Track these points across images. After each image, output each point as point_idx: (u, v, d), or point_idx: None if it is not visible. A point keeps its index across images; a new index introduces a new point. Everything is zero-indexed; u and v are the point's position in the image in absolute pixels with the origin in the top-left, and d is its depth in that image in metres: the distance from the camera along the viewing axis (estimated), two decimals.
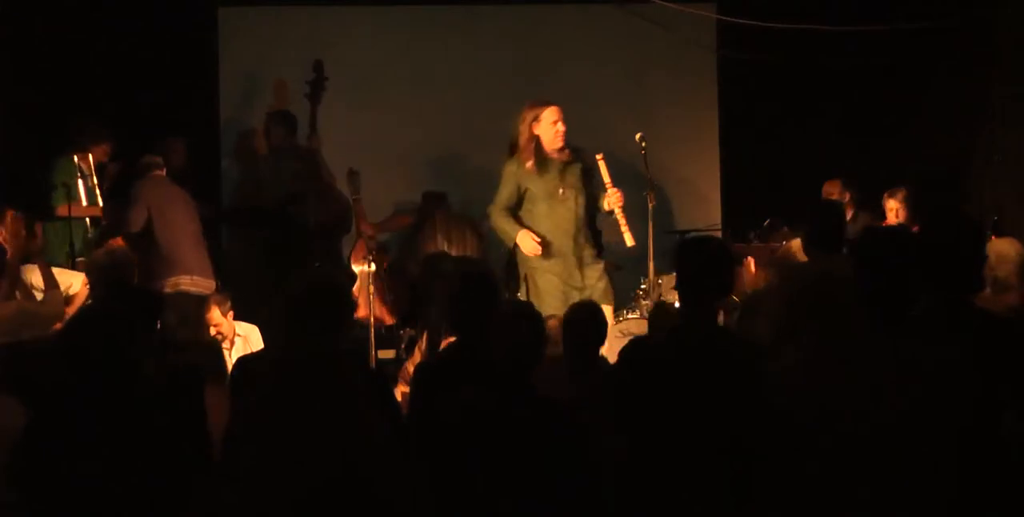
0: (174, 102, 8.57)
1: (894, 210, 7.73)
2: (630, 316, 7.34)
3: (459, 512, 3.78)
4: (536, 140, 6.69)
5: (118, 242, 7.28)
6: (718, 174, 9.19)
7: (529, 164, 6.67)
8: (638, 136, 6.86)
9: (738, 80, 9.19)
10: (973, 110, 8.76)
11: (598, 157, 6.76)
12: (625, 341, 4.20)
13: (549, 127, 6.69)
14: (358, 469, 3.71)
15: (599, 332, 4.90)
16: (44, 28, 8.28)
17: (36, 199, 7.40)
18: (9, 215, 6.32)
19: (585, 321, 4.88)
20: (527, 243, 6.63)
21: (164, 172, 7.65)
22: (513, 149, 6.78)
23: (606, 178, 6.73)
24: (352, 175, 8.10)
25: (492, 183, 8.92)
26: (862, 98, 9.05)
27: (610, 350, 4.98)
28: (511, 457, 3.77)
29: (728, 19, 8.83)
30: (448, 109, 9.02)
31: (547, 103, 6.77)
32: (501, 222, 6.78)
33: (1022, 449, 3.21)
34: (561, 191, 6.67)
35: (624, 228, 6.68)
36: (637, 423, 3.72)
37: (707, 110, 9.28)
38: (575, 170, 6.74)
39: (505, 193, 6.78)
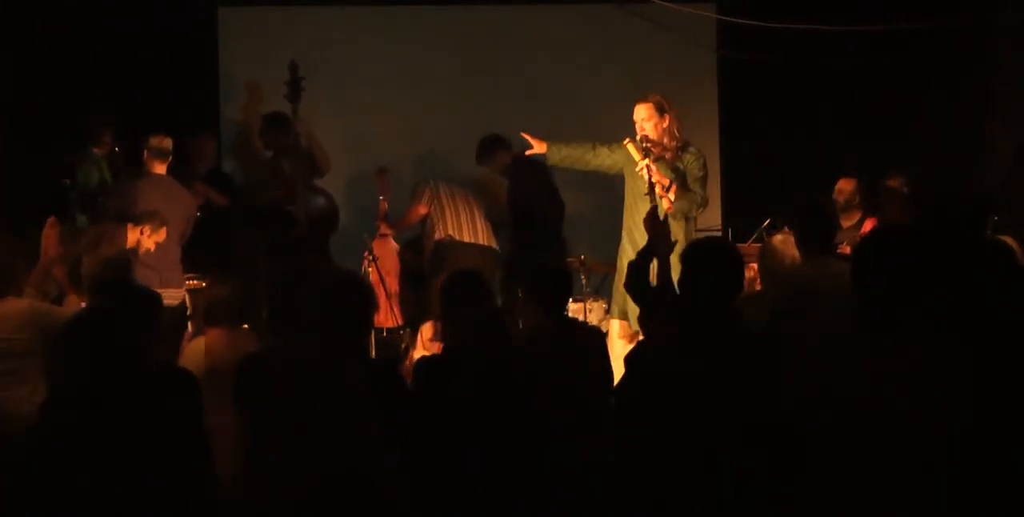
0: (174, 102, 8.57)
1: (895, 188, 7.70)
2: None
3: (458, 510, 3.79)
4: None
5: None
6: (718, 174, 9.19)
7: None
8: (639, 137, 6.80)
9: (738, 80, 9.19)
10: (973, 110, 8.77)
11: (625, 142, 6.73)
12: None
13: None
14: (364, 470, 3.72)
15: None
16: (44, 28, 8.28)
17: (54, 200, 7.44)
18: (49, 222, 6.38)
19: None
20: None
21: (164, 165, 7.53)
22: None
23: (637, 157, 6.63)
24: (381, 174, 8.10)
25: (490, 184, 8.98)
26: (862, 98, 9.05)
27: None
28: (511, 455, 3.77)
29: (728, 19, 8.83)
30: (448, 109, 9.03)
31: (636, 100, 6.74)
32: None
33: (1022, 448, 3.21)
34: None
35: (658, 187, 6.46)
36: (643, 425, 3.71)
37: (707, 110, 9.28)
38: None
39: None
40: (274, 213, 8.06)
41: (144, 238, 7.06)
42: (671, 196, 6.48)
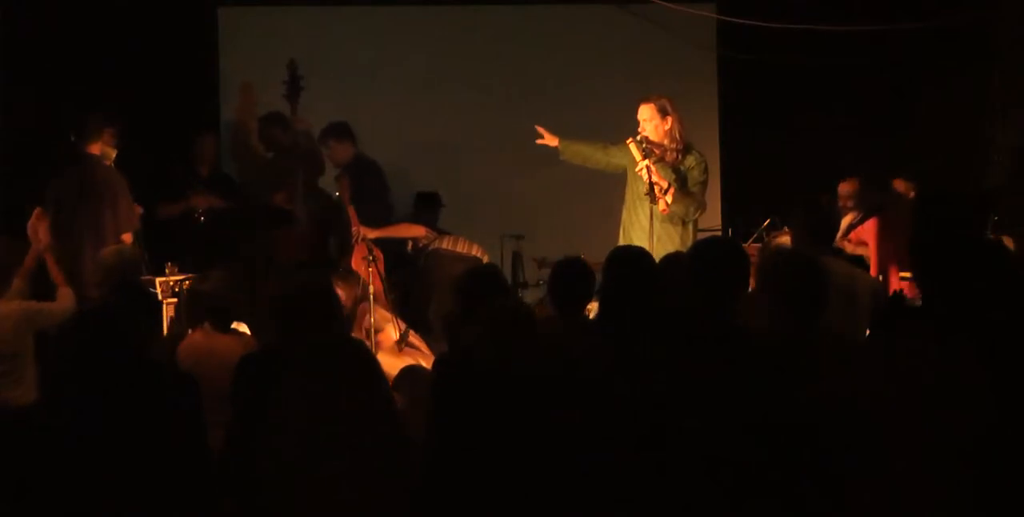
0: (174, 102, 8.57)
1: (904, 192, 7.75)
2: None
3: (460, 510, 3.79)
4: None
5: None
6: (718, 174, 9.19)
7: None
8: (639, 137, 6.77)
9: (738, 80, 9.19)
10: (973, 110, 8.77)
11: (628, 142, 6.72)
12: None
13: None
14: (364, 469, 3.72)
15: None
16: (44, 28, 8.28)
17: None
18: (36, 213, 6.30)
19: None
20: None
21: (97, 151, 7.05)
22: None
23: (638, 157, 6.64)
24: (340, 178, 8.09)
25: (489, 184, 8.99)
26: (862, 98, 9.05)
27: None
28: (519, 455, 3.77)
29: (728, 19, 8.83)
30: (447, 109, 9.03)
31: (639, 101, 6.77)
32: None
33: None
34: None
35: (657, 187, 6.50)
36: (642, 425, 3.71)
37: (707, 110, 9.28)
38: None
39: None
40: (274, 213, 8.06)
41: None
42: (668, 198, 6.50)
